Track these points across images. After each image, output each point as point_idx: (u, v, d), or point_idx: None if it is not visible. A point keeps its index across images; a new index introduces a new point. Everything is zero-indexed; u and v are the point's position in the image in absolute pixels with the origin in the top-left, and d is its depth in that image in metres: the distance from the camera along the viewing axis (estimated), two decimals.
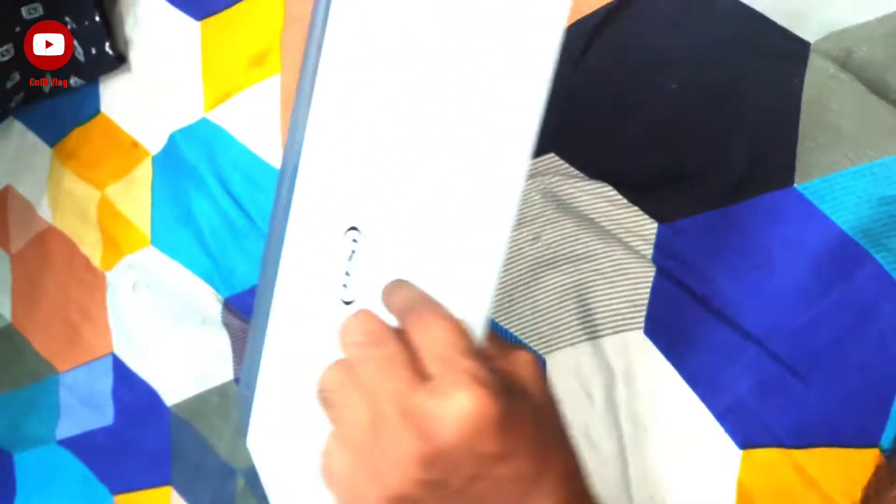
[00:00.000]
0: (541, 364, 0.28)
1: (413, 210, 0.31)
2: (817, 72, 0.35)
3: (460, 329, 0.26)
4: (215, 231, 0.55)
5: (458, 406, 0.23)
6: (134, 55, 0.58)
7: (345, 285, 0.34)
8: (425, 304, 0.27)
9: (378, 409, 0.24)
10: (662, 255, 0.40)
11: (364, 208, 0.33)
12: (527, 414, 0.25)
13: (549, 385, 0.28)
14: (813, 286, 0.37)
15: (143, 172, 0.59)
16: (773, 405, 0.38)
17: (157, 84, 0.57)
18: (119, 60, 0.58)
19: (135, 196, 0.59)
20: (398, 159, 0.32)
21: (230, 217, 0.54)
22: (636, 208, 0.40)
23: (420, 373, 0.25)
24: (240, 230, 0.54)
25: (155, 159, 0.58)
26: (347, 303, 0.34)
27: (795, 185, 0.37)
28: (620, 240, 0.40)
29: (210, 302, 0.56)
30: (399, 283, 0.28)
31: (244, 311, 0.55)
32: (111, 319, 0.62)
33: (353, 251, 0.33)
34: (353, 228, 0.34)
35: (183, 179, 0.56)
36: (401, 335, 0.26)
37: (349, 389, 0.26)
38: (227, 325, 0.55)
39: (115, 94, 0.61)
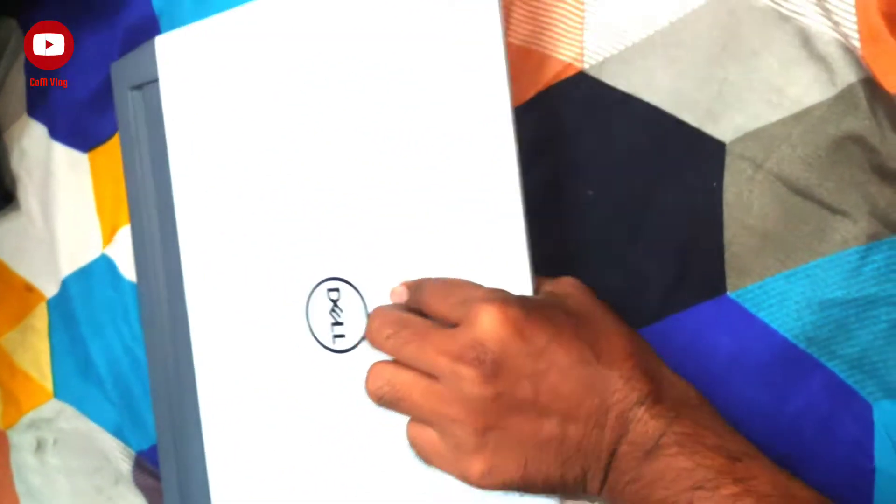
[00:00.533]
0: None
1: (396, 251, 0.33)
2: (736, 174, 0.33)
3: (465, 280, 0.30)
4: (120, 378, 0.49)
5: (485, 323, 0.27)
6: (22, 192, 0.54)
7: (341, 335, 0.35)
8: (428, 280, 0.31)
9: (433, 371, 0.28)
10: None
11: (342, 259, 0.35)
12: (555, 310, 0.29)
13: (594, 295, 0.31)
14: (766, 401, 0.34)
15: (39, 319, 0.53)
16: None
17: (49, 221, 0.52)
18: (5, 199, 0.54)
19: (32, 345, 0.54)
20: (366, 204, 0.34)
21: (136, 360, 0.49)
22: None
23: (449, 326, 0.29)
24: (146, 375, 0.49)
25: (50, 304, 0.53)
26: (345, 350, 0.35)
27: (728, 293, 0.34)
28: None
29: (121, 458, 0.50)
30: (402, 286, 0.32)
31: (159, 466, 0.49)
32: (17, 484, 0.56)
33: (335, 301, 0.35)
34: (331, 279, 0.35)
35: (80, 325, 0.51)
36: (420, 312, 0.30)
37: (402, 375, 0.29)
38: (139, 485, 0.50)
39: (4, 234, 0.56)
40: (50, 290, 0.53)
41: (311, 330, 0.36)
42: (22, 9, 0.52)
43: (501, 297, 0.28)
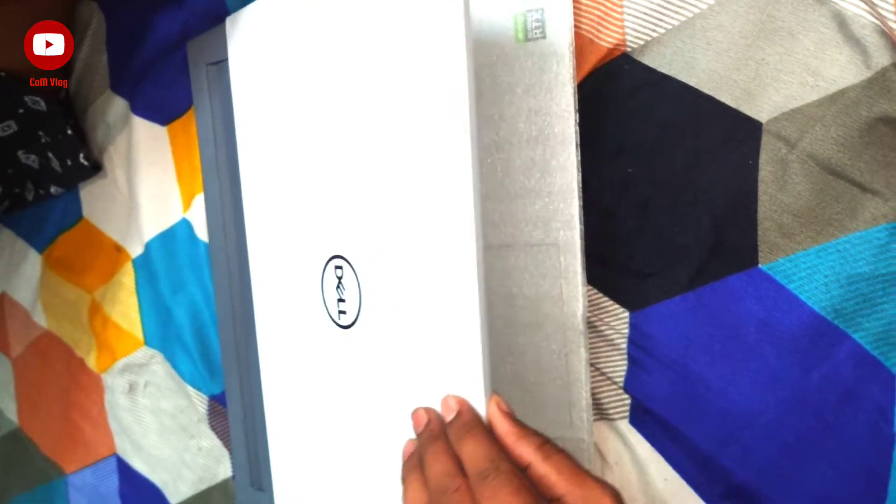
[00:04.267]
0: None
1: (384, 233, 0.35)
2: (771, 152, 0.35)
3: (489, 444, 0.30)
4: (199, 330, 0.55)
5: None
6: (108, 162, 0.59)
7: (342, 311, 0.38)
8: (464, 420, 0.31)
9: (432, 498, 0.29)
10: (636, 345, 0.39)
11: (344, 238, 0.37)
12: None
13: None
14: (792, 368, 0.36)
15: (127, 276, 0.59)
16: (773, 492, 0.37)
17: (133, 189, 0.57)
18: (94, 169, 0.59)
19: (122, 299, 0.60)
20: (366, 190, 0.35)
21: (212, 314, 0.54)
22: (608, 298, 0.39)
23: (461, 471, 0.29)
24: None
25: (136, 263, 0.58)
26: (346, 327, 0.38)
27: (760, 265, 0.36)
28: (599, 331, 0.39)
29: (198, 401, 0.56)
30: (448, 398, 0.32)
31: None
32: (111, 421, 0.63)
33: (340, 278, 0.38)
34: (336, 257, 0.38)
35: (160, 282, 0.56)
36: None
37: (417, 476, 0.30)
38: (212, 426, 0.55)
39: (95, 200, 0.61)
40: (136, 250, 0.58)
41: (324, 304, 0.39)
42: None
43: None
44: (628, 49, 0.37)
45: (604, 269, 0.39)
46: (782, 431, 0.36)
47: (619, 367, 0.39)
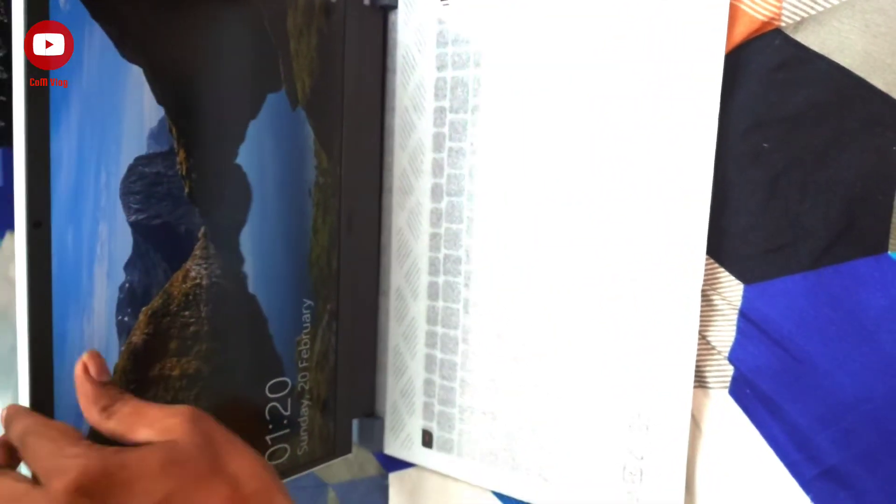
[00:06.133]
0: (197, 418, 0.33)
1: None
2: None
3: (55, 437, 0.31)
4: None
5: (55, 489, 0.28)
6: None
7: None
8: (30, 433, 0.31)
9: None
10: (746, 318, 0.39)
11: None
12: (143, 460, 0.30)
13: (202, 429, 0.33)
14: None
15: None
16: (869, 480, 0.37)
17: None
18: None
19: None
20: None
21: None
22: (723, 269, 0.40)
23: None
24: None
25: None
26: None
27: (889, 252, 0.36)
28: (710, 300, 0.40)
29: None
30: (11, 413, 0.33)
31: None
32: None
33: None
34: None
35: None
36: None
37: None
38: None
39: None
40: None
41: None
42: None
43: (76, 465, 0.28)
44: (782, 24, 0.37)
45: (722, 240, 0.40)
46: (888, 420, 0.37)
47: (726, 337, 0.40)
